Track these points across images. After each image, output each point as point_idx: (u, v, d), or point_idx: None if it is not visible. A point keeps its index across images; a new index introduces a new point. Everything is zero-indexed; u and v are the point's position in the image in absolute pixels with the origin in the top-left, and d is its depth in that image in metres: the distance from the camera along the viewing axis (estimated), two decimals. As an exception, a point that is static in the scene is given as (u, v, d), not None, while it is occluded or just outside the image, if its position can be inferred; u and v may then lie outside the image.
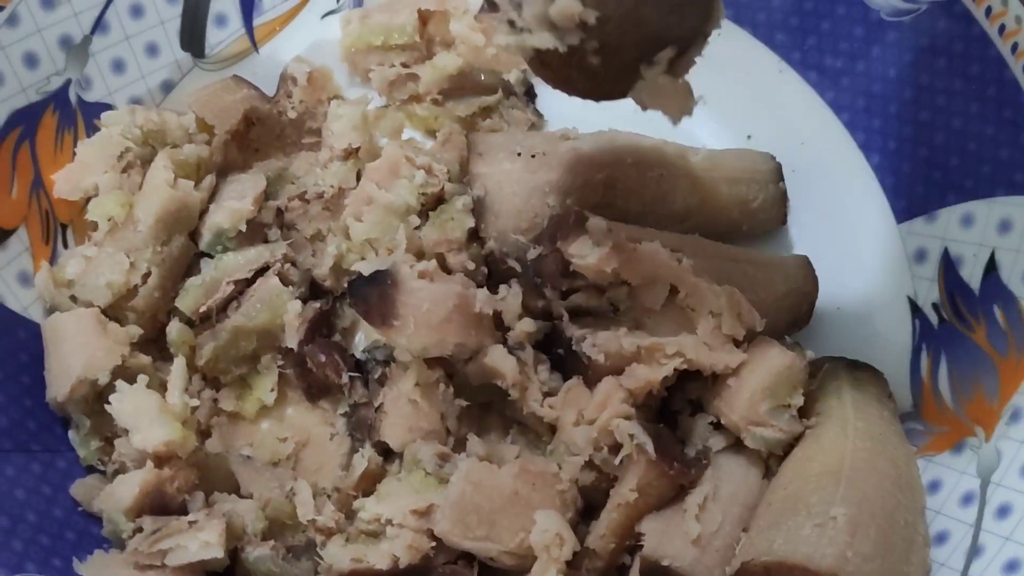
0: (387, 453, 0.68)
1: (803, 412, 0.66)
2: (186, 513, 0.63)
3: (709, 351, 0.65)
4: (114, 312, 0.69)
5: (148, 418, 0.63)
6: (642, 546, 0.63)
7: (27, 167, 0.72)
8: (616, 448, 0.64)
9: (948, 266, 0.72)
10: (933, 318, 0.72)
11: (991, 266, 0.69)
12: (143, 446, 0.63)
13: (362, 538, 0.64)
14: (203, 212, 0.73)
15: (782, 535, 0.58)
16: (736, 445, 0.66)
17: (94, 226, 0.71)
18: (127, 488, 0.63)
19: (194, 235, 0.73)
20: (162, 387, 0.67)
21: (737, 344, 0.66)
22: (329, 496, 0.67)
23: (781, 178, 0.77)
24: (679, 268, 0.66)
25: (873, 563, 0.56)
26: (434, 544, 0.62)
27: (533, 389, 0.66)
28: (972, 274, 0.70)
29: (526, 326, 0.67)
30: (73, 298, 0.69)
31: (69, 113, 0.74)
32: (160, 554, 0.61)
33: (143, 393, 0.64)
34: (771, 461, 0.66)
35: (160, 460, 0.64)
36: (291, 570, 0.64)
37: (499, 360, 0.66)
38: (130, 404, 0.64)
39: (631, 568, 0.65)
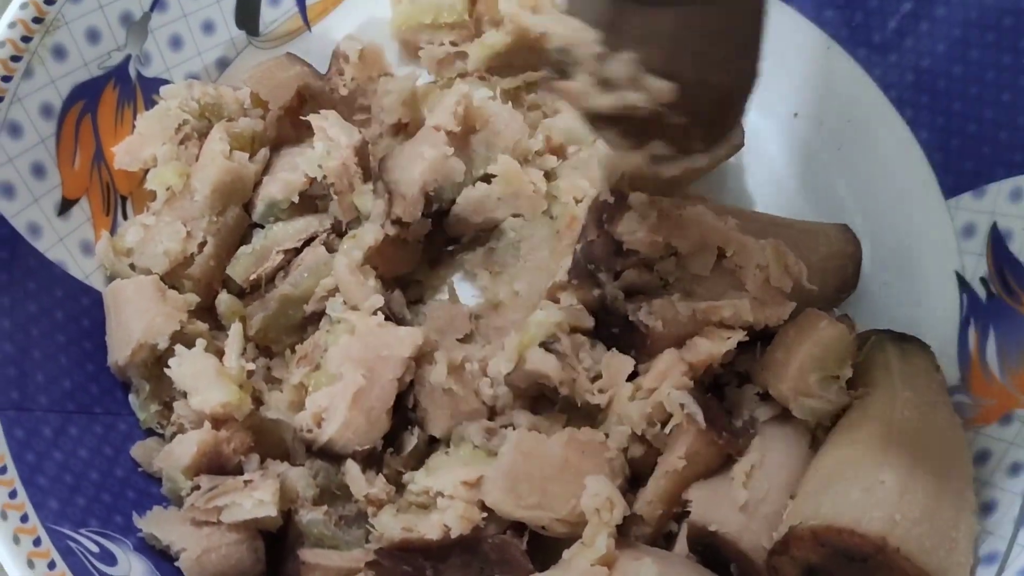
0: (433, 439, 0.70)
1: (850, 384, 0.67)
2: (242, 473, 0.65)
3: (761, 306, 0.66)
4: (171, 280, 0.71)
5: (206, 380, 0.65)
6: (688, 513, 0.64)
7: (89, 140, 0.74)
8: (666, 421, 0.65)
9: (997, 240, 0.72)
10: (981, 292, 0.72)
11: (1041, 239, 0.69)
12: (201, 407, 0.64)
13: (412, 509, 0.65)
14: (257, 184, 0.74)
15: (829, 499, 0.59)
16: (783, 416, 0.67)
17: (152, 196, 0.73)
18: (185, 447, 0.64)
19: (248, 207, 0.74)
20: (218, 353, 0.69)
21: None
22: (378, 471, 0.68)
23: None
24: (725, 228, 0.67)
25: (921, 527, 0.56)
26: (485, 515, 0.63)
27: (581, 379, 0.67)
28: (1021, 248, 0.70)
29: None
30: (132, 266, 0.71)
31: (129, 88, 0.76)
32: (216, 511, 0.63)
33: (201, 357, 0.66)
34: (818, 431, 0.66)
35: (217, 422, 0.65)
36: (343, 536, 0.65)
37: (539, 362, 0.66)
38: (189, 367, 0.66)
39: (678, 536, 0.66)
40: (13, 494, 0.60)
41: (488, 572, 0.63)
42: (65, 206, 0.72)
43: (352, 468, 0.66)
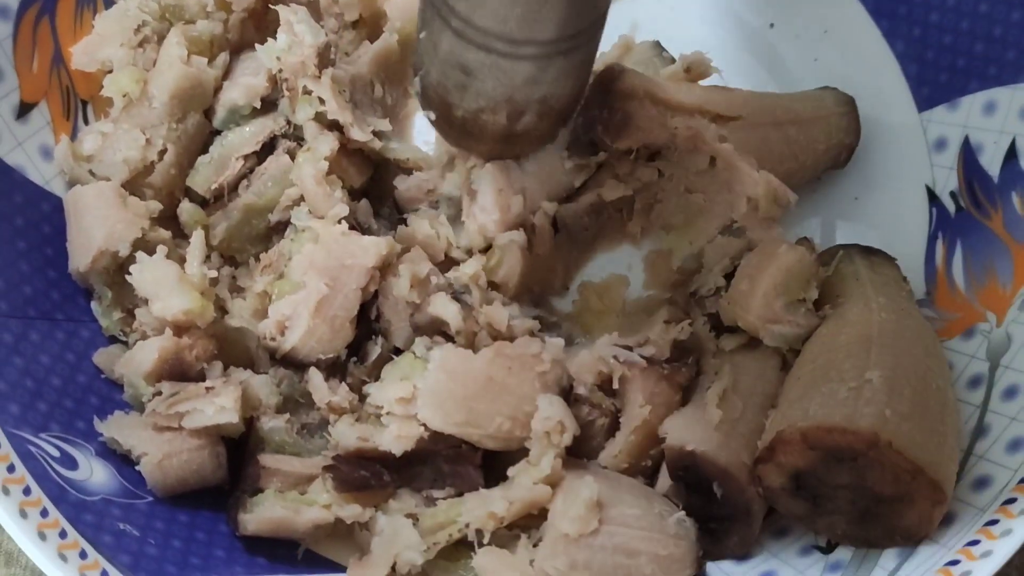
0: (397, 349, 0.69)
1: (821, 299, 0.67)
2: (204, 380, 0.65)
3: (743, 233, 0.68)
4: (132, 188, 0.70)
5: (167, 287, 0.64)
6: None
7: (47, 42, 0.72)
8: (607, 381, 0.66)
9: (968, 154, 0.71)
10: (950, 206, 0.72)
11: (1011, 153, 0.69)
12: (162, 314, 0.64)
13: (371, 420, 0.65)
14: (218, 90, 0.73)
15: (816, 401, 0.59)
16: (751, 343, 0.67)
17: (111, 102, 0.71)
18: (146, 353, 0.64)
19: (209, 113, 0.73)
20: (181, 261, 0.68)
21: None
22: (342, 380, 0.68)
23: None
24: (721, 148, 0.68)
25: (911, 421, 0.57)
26: (425, 431, 0.63)
27: (481, 335, 0.66)
28: (992, 161, 0.70)
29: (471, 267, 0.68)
30: (92, 173, 0.70)
31: (88, -11, 0.74)
32: (177, 416, 0.63)
33: (163, 263, 0.65)
34: (788, 355, 0.67)
35: (179, 329, 0.65)
36: (304, 444, 0.66)
37: (440, 308, 0.66)
38: (150, 274, 0.65)
39: (660, 470, 0.66)
40: (-28, 398, 0.60)
41: (441, 483, 0.64)
42: (24, 110, 0.70)
43: (315, 376, 0.66)
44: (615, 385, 0.66)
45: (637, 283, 0.74)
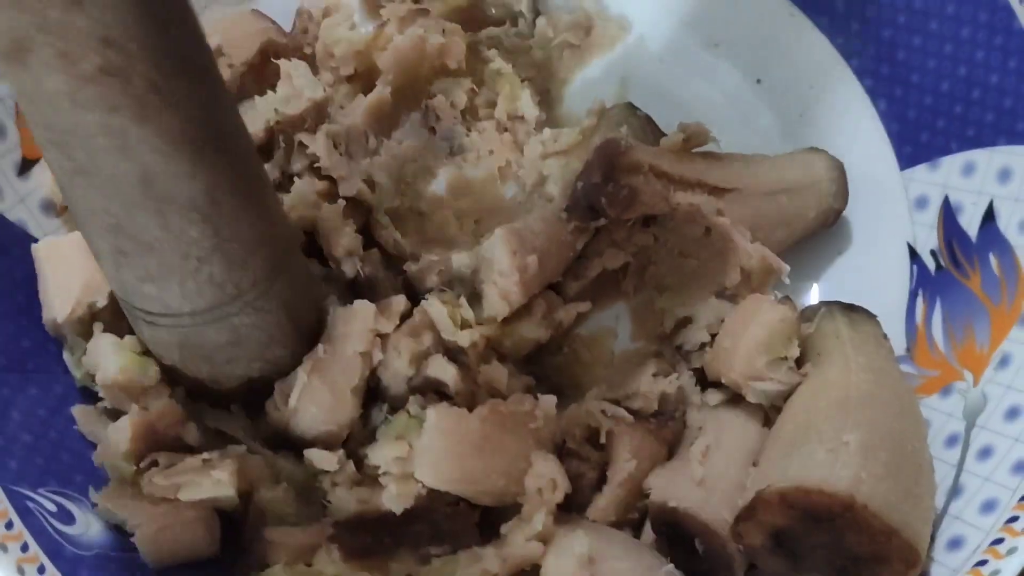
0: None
1: (802, 356, 0.68)
2: (183, 445, 0.66)
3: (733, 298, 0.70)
4: None
5: (104, 355, 0.65)
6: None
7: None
8: (594, 435, 0.67)
9: (948, 213, 0.73)
10: (931, 264, 0.73)
11: (989, 215, 0.70)
12: (103, 381, 0.65)
13: (368, 482, 0.66)
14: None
15: (795, 462, 0.61)
16: (734, 399, 0.69)
17: None
18: (120, 434, 0.64)
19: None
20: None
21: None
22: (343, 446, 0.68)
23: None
24: (718, 222, 0.70)
25: (886, 483, 0.59)
26: (424, 488, 0.64)
27: (480, 393, 0.67)
28: (971, 222, 0.71)
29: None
30: None
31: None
32: (174, 488, 0.63)
33: (101, 337, 0.67)
34: (770, 412, 0.68)
35: (134, 395, 0.65)
36: (303, 512, 0.66)
37: (439, 371, 0.66)
38: (92, 349, 0.66)
39: (645, 523, 0.68)
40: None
41: (439, 540, 0.65)
42: (25, 166, 0.72)
43: (316, 454, 0.65)
44: (602, 439, 0.67)
45: (624, 334, 0.76)
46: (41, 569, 0.59)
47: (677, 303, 0.72)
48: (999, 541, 0.59)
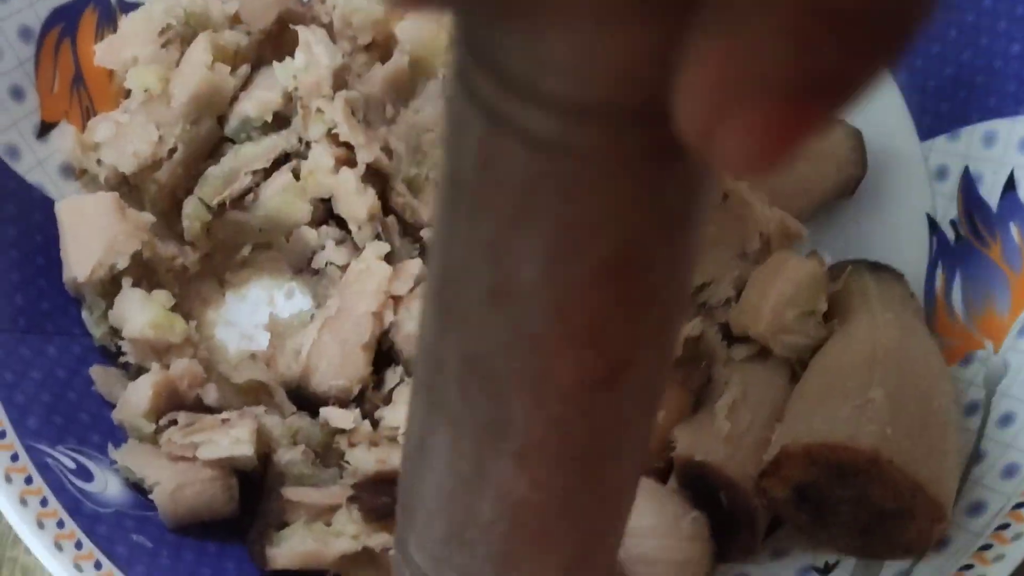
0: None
1: (829, 312, 0.68)
2: (202, 406, 0.66)
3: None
4: (136, 180, 0.72)
5: (133, 309, 0.66)
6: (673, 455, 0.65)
7: (68, 64, 0.74)
8: None
9: (968, 184, 0.73)
10: (950, 235, 0.73)
11: (1009, 184, 0.70)
12: (131, 334, 0.66)
13: (385, 443, 0.66)
14: (234, 100, 0.75)
15: (820, 418, 0.60)
16: (760, 354, 0.68)
17: (127, 95, 0.74)
18: (140, 393, 0.65)
19: (222, 121, 0.75)
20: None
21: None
22: (359, 406, 0.68)
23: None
24: (736, 186, 0.69)
25: (912, 439, 0.58)
26: None
27: None
28: (991, 192, 0.71)
29: None
30: (99, 162, 0.72)
31: (108, 11, 0.76)
32: (192, 446, 0.64)
33: (130, 291, 0.67)
34: (796, 366, 0.68)
35: (159, 354, 0.66)
36: (320, 475, 0.66)
37: None
38: (119, 304, 0.67)
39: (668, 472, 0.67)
40: (-8, 412, 0.61)
41: None
42: (44, 129, 0.72)
43: (331, 412, 0.66)
44: None
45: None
46: (60, 524, 0.59)
47: (697, 269, 0.72)
48: (1021, 505, 0.58)
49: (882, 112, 0.78)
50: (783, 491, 0.61)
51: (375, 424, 0.67)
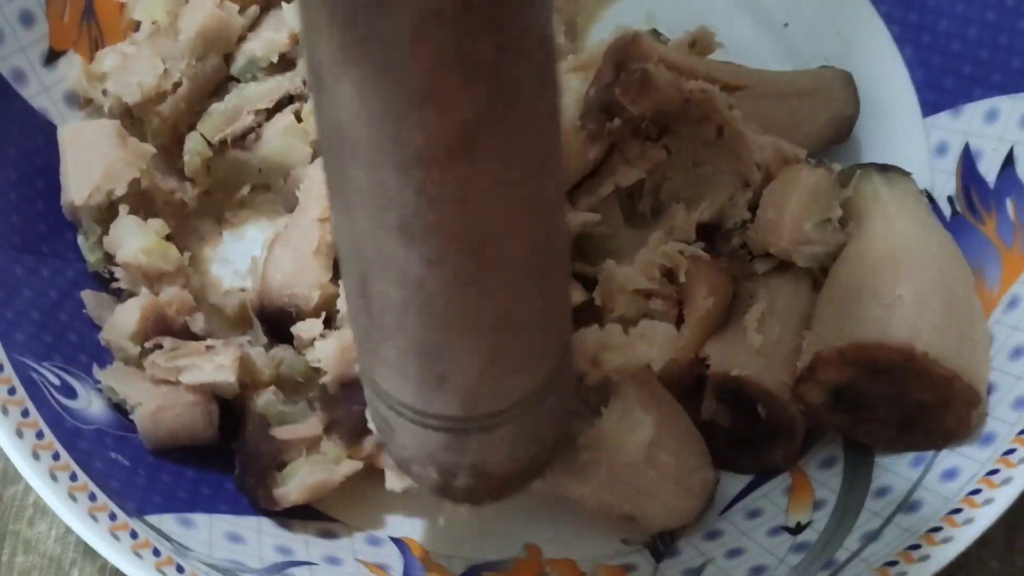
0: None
1: (844, 218, 0.69)
2: (189, 334, 0.67)
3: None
4: (139, 112, 0.73)
5: (128, 234, 0.67)
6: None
7: (79, -4, 0.75)
8: (670, 275, 0.67)
9: (967, 160, 0.72)
10: (947, 210, 0.73)
11: (1008, 160, 0.70)
12: (125, 259, 0.67)
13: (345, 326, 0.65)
14: (241, 39, 0.75)
15: (850, 321, 0.62)
16: (781, 266, 0.69)
17: (135, 27, 0.75)
18: (128, 315, 0.66)
19: (228, 59, 0.76)
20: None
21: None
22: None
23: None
24: (730, 116, 0.69)
25: (943, 330, 0.60)
26: None
27: None
28: (989, 168, 0.71)
29: None
30: (104, 92, 0.73)
31: (123, -55, 0.77)
32: (176, 370, 0.64)
33: (126, 218, 0.68)
34: (818, 274, 0.69)
35: (151, 280, 0.67)
36: (296, 411, 0.66)
37: None
38: (115, 229, 0.68)
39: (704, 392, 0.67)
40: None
41: None
42: (52, 56, 0.73)
43: (300, 327, 0.66)
44: (681, 279, 0.67)
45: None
46: (40, 435, 0.60)
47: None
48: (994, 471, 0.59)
49: (886, 87, 0.78)
50: (820, 396, 0.63)
51: None
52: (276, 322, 0.67)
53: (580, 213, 0.69)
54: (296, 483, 0.63)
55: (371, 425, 0.57)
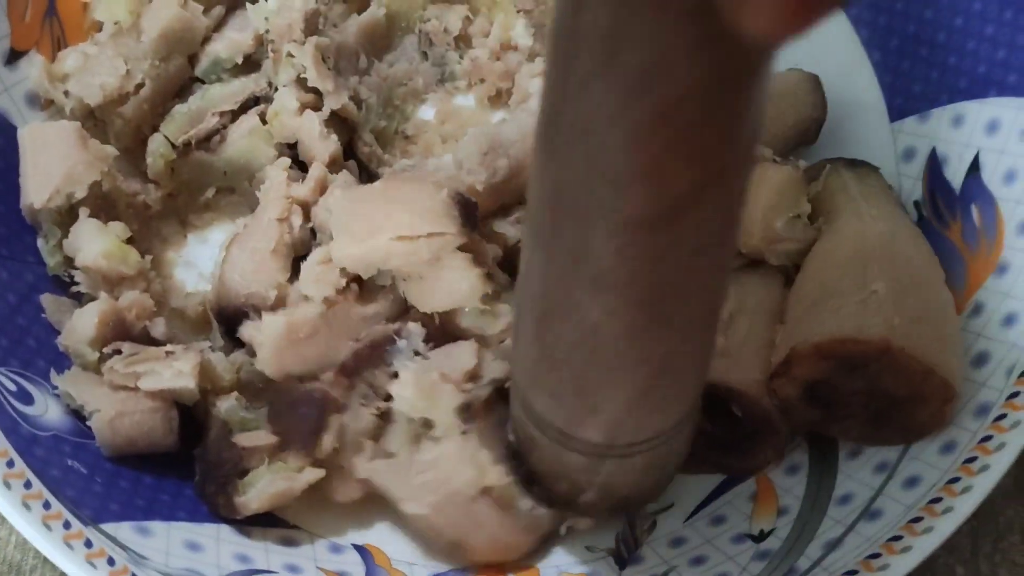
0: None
1: (813, 213, 0.69)
2: (149, 339, 0.66)
3: None
4: (101, 114, 0.72)
5: (87, 238, 0.66)
6: None
7: (41, -4, 0.74)
8: None
9: (934, 165, 0.72)
10: (913, 215, 0.73)
11: (974, 166, 0.70)
12: (84, 262, 0.66)
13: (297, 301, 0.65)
14: (206, 40, 0.75)
15: (825, 316, 0.62)
16: (751, 264, 0.69)
17: (98, 28, 0.74)
18: (87, 320, 0.65)
19: (193, 60, 0.75)
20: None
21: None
22: None
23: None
24: None
25: (918, 325, 0.60)
26: None
27: None
28: (955, 173, 0.71)
29: None
30: (66, 93, 0.72)
31: (86, -56, 0.76)
32: (134, 376, 0.63)
33: (86, 221, 0.68)
34: (791, 271, 0.69)
35: (111, 284, 0.66)
36: (258, 418, 0.66)
37: None
38: (75, 233, 0.67)
39: None
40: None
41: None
42: (13, 56, 0.72)
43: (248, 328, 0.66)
44: None
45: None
46: (-7, 441, 0.59)
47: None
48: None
49: (854, 91, 0.78)
50: (793, 391, 0.63)
51: None
52: (234, 323, 0.67)
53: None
54: (257, 491, 0.63)
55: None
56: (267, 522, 0.65)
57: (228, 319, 0.67)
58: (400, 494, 0.62)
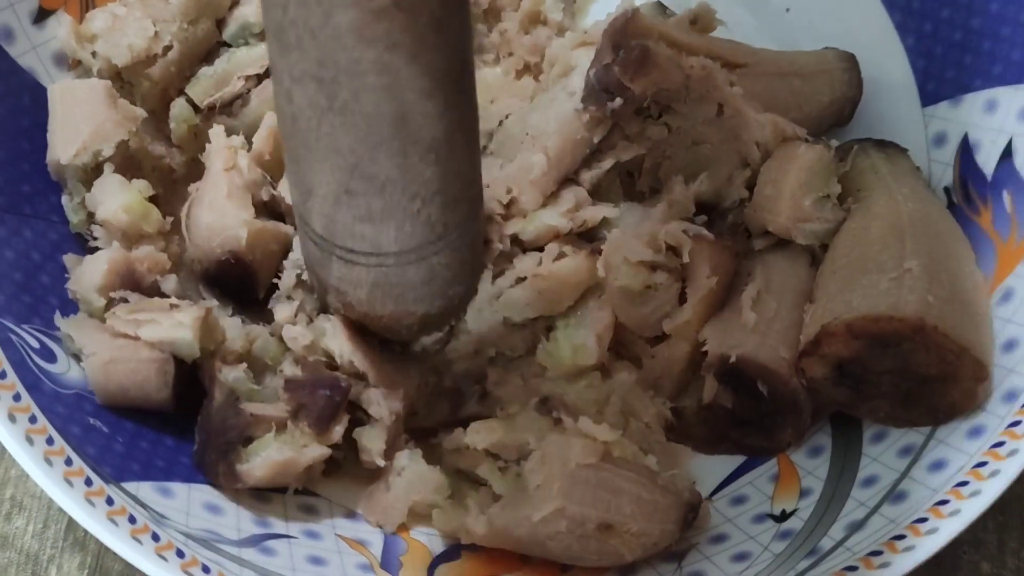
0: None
1: (843, 194, 0.69)
2: (159, 293, 0.65)
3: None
4: (128, 75, 0.72)
5: (110, 192, 0.66)
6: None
7: (72, -43, 0.73)
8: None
9: (965, 151, 0.72)
10: (943, 201, 0.72)
11: (1007, 152, 0.69)
12: (104, 216, 0.66)
13: (319, 320, 0.66)
14: (234, 4, 0.74)
15: (858, 294, 0.62)
16: (779, 243, 0.69)
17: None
18: (96, 266, 0.65)
19: (221, 25, 0.74)
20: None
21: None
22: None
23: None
24: (730, 93, 0.69)
25: (952, 304, 0.60)
26: None
27: None
28: (987, 159, 0.70)
29: None
30: (94, 54, 0.71)
31: (117, -96, 0.75)
32: (135, 324, 0.63)
33: (110, 177, 0.67)
34: (818, 251, 0.69)
35: (128, 239, 0.66)
36: (262, 389, 0.65)
37: None
38: (100, 185, 0.67)
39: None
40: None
41: None
42: (41, 15, 0.72)
43: (278, 308, 0.66)
44: (685, 258, 0.67)
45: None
46: (17, 397, 0.59)
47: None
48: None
49: (887, 76, 0.77)
50: (822, 370, 0.62)
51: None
52: (224, 281, 0.67)
53: (600, 208, 0.69)
54: (262, 460, 0.61)
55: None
56: (287, 488, 0.65)
57: (215, 278, 0.67)
58: (527, 512, 0.60)
